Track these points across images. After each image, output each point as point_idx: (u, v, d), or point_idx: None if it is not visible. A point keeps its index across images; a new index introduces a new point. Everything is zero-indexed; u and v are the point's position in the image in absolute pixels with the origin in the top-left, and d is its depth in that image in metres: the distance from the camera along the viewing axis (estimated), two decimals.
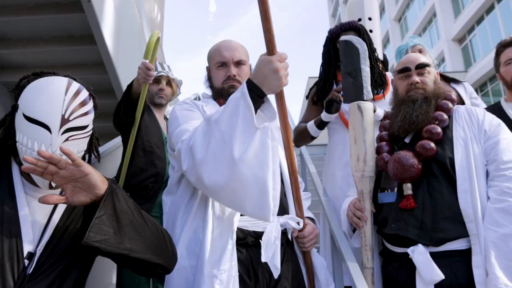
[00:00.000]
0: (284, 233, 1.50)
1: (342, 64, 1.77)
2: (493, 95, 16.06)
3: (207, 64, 1.75)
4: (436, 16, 19.79)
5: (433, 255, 1.41)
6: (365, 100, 1.67)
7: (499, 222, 1.34)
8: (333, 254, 1.92)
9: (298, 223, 1.48)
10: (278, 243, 1.39)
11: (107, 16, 4.05)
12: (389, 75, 2.35)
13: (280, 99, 1.27)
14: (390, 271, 1.59)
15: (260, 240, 1.41)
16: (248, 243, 1.42)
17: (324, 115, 2.16)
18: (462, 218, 1.41)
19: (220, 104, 1.65)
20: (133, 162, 2.28)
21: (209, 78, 1.72)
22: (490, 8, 16.12)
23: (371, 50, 2.24)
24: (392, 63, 22.38)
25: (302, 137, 2.35)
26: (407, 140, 1.66)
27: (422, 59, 1.69)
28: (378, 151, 1.71)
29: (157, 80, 2.54)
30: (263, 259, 1.35)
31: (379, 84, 2.23)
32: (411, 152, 1.54)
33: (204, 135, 1.25)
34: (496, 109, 2.19)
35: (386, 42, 27.36)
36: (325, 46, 2.35)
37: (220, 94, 1.65)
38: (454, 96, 1.67)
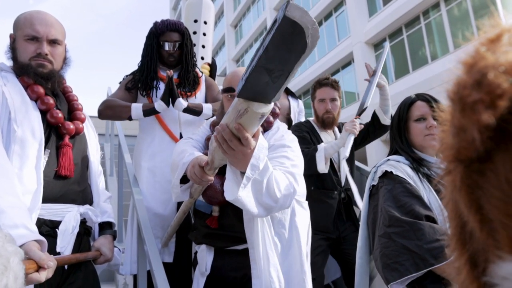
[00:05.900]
0: (83, 222, 1.50)
1: (266, 51, 0.99)
2: (304, 108, 18.69)
3: (12, 32, 1.55)
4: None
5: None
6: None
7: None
8: (138, 242, 2.00)
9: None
10: (76, 232, 1.39)
11: None
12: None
13: None
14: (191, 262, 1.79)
15: (56, 230, 1.38)
16: (43, 232, 1.35)
17: (159, 105, 2.12)
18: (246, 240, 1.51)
19: (23, 82, 1.51)
20: None
21: (13, 49, 1.54)
22: None
23: (191, 56, 2.37)
24: (225, 65, 23.61)
25: (118, 112, 2.20)
26: None
27: None
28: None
29: None
30: (58, 249, 1.33)
31: (192, 85, 2.36)
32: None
33: None
34: (307, 125, 2.62)
35: (221, 45, 28.74)
36: (148, 38, 2.33)
37: (25, 71, 1.50)
38: (277, 110, 1.72)
